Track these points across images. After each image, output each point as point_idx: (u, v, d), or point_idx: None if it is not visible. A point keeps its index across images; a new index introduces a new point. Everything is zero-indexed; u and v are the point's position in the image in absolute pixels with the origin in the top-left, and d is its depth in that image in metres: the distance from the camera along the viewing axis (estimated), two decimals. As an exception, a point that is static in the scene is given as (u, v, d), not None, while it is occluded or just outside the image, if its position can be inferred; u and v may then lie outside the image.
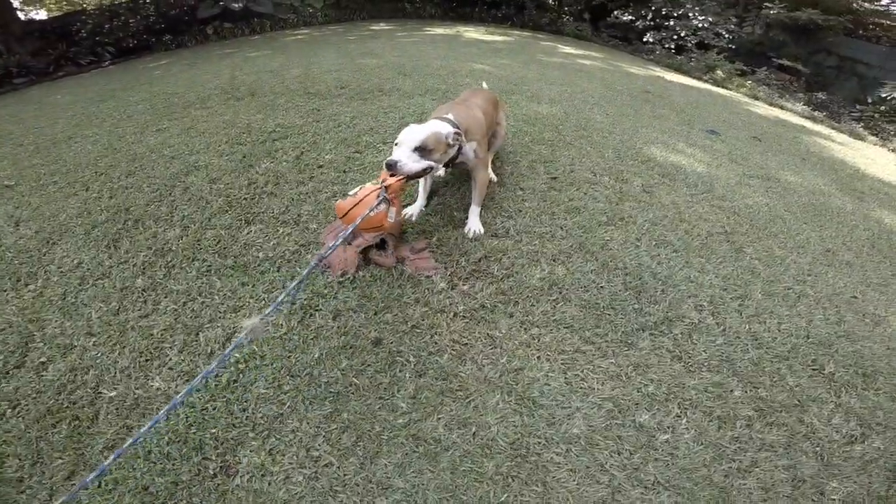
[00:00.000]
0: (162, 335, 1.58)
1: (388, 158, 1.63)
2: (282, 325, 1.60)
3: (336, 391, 1.41)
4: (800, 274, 2.14)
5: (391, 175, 1.62)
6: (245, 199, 2.17)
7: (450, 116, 1.85)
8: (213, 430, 1.31)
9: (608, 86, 4.70)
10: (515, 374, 1.48)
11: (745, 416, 1.47)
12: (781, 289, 2.01)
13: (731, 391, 1.53)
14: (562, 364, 1.53)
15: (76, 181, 2.62)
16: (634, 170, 2.67)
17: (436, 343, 1.56)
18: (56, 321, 1.66)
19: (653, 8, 10.49)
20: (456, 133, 1.76)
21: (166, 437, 1.28)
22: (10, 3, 8.14)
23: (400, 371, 1.47)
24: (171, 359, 1.50)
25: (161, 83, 4.83)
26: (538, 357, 1.54)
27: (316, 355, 1.50)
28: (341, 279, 1.74)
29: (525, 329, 1.63)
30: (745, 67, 8.71)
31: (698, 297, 1.86)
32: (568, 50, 6.93)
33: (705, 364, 1.61)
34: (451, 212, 2.07)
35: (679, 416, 1.43)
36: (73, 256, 1.98)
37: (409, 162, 1.62)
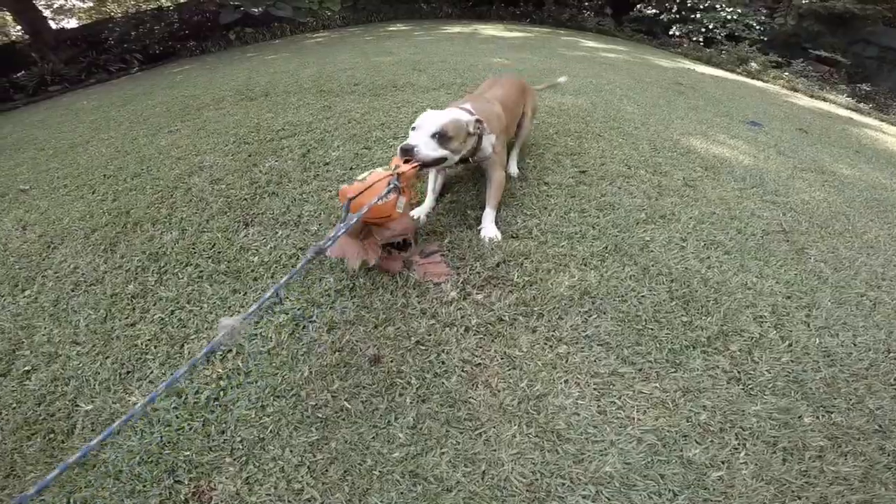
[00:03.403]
0: (146, 346, 1.46)
1: (404, 142, 1.45)
2: (270, 338, 1.42)
3: (324, 416, 1.22)
4: (873, 278, 1.81)
5: (405, 161, 1.45)
6: (245, 199, 1.99)
7: (468, 107, 1.68)
8: (188, 453, 1.17)
9: (636, 78, 4.38)
10: (537, 402, 1.24)
11: (816, 447, 1.19)
12: (854, 295, 1.70)
13: (800, 417, 1.26)
14: (594, 389, 1.28)
15: (84, 184, 2.54)
16: (673, 162, 2.37)
17: (443, 363, 1.33)
18: (45, 328, 1.56)
19: (677, 1, 10.03)
20: (478, 121, 1.55)
21: (138, 457, 1.15)
22: (41, 13, 8.32)
23: (399, 395, 1.26)
24: (152, 371, 1.37)
25: (180, 87, 4.77)
26: (566, 381, 1.29)
27: (305, 373, 1.31)
28: (356, 269, 1.53)
29: (550, 347, 1.38)
30: (780, 59, 8.17)
31: (758, 306, 1.58)
32: (591, 44, 6.61)
33: (769, 386, 1.33)
34: (465, 210, 1.83)
35: (736, 449, 1.17)
36: (70, 261, 1.88)
37: (426, 149, 1.44)
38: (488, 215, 1.74)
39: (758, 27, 9.16)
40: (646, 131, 2.72)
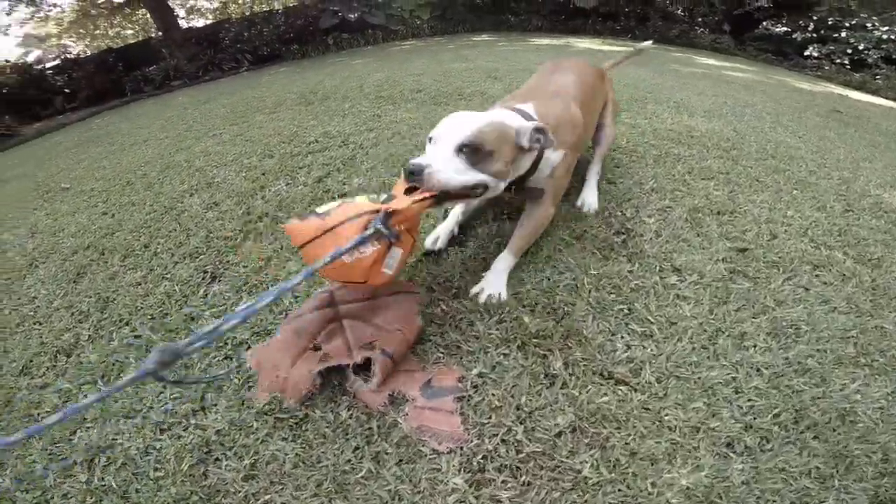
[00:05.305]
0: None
1: (413, 161, 0.82)
2: (168, 460, 0.83)
3: None
4: None
5: (409, 191, 0.82)
6: (227, 238, 1.40)
7: (527, 108, 1.02)
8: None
9: (778, 101, 3.23)
10: None
11: None
12: None
13: None
14: None
15: (105, 189, 2.21)
16: (883, 238, 1.36)
17: None
18: (-33, 370, 1.20)
19: (815, 18, 8.18)
20: (537, 130, 0.91)
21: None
22: (173, 11, 8.84)
23: None
24: (31, 456, 0.94)
25: (258, 88, 4.52)
26: None
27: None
28: (268, 407, 0.85)
29: None
30: (958, 87, 6.17)
31: None
32: (708, 61, 5.35)
33: None
34: (522, 315, 1.00)
35: None
36: (37, 288, 1.52)
37: (447, 170, 0.82)
38: (502, 261, 1.03)
39: (926, 48, 7.12)
40: (826, 179, 1.69)
